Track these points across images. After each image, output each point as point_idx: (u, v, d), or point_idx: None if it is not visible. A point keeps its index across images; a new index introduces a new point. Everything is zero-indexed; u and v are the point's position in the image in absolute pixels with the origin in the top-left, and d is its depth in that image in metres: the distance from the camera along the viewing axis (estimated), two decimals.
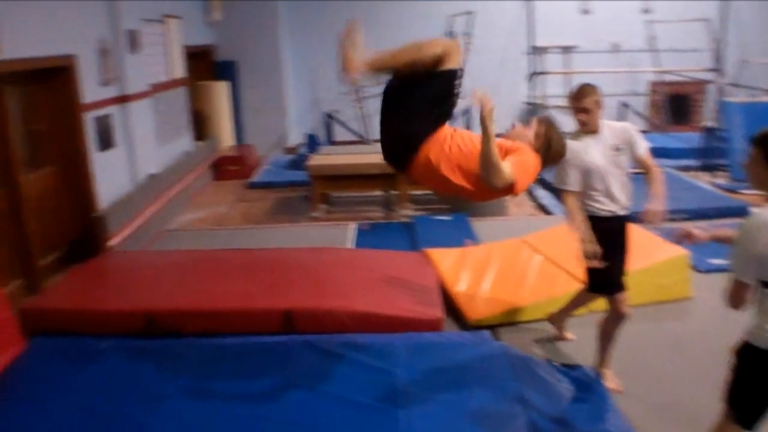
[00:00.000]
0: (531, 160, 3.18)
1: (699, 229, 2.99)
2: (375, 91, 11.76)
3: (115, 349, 4.20)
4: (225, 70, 11.78)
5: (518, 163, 3.08)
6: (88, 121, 6.67)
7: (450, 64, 3.03)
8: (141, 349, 4.21)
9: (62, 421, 3.48)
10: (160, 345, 4.28)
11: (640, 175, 3.92)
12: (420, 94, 3.06)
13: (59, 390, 3.76)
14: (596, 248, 3.68)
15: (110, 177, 7.04)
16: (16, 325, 4.26)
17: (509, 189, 3.05)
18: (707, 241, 2.94)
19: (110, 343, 4.26)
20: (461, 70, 3.11)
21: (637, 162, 3.90)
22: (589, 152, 3.77)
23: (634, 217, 3.92)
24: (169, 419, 3.48)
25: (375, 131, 11.71)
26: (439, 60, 3.01)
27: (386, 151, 3.26)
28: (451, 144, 3.12)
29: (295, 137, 12.45)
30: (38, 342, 4.33)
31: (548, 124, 3.35)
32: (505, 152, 3.17)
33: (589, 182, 3.79)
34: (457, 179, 3.14)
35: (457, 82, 3.08)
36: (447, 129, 3.18)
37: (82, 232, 6.47)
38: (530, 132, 3.33)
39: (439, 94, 3.09)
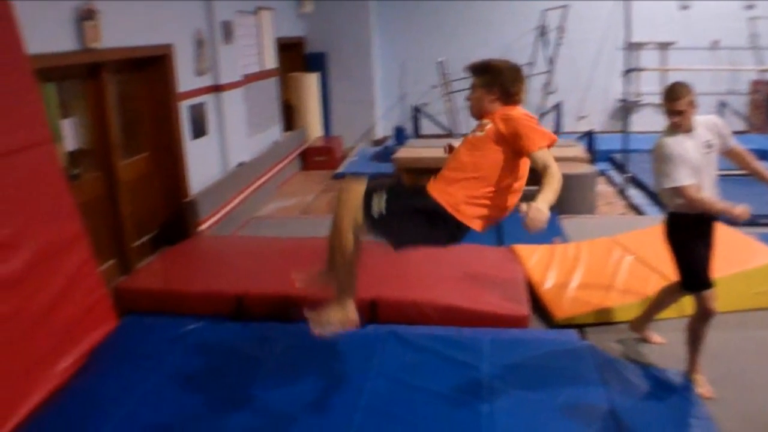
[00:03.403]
0: (525, 118, 3.06)
1: None
2: (464, 85, 11.72)
3: (204, 329, 4.28)
4: (315, 62, 11.91)
5: (538, 135, 2.99)
6: (183, 110, 6.84)
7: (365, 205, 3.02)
8: (229, 331, 4.29)
9: (149, 398, 3.56)
10: (248, 328, 4.34)
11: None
12: (397, 212, 3.03)
13: (148, 367, 3.85)
14: (743, 207, 3.53)
15: (202, 164, 7.20)
16: (109, 303, 4.40)
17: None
18: None
19: (199, 324, 4.35)
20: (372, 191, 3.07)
21: (729, 154, 3.80)
22: (686, 149, 3.62)
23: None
24: (255, 401, 3.52)
25: (463, 125, 11.66)
26: (358, 214, 3.02)
27: (451, 241, 3.22)
28: (463, 185, 3.06)
29: (383, 129, 12.50)
30: (129, 320, 4.46)
31: (475, 69, 3.21)
32: (500, 132, 3.04)
33: None
34: (505, 198, 3.12)
35: (376, 198, 3.01)
36: (438, 185, 3.12)
37: (174, 217, 6.65)
38: (479, 94, 3.18)
39: (397, 205, 3.04)
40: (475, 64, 3.23)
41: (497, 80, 3.12)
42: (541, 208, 2.74)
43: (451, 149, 3.51)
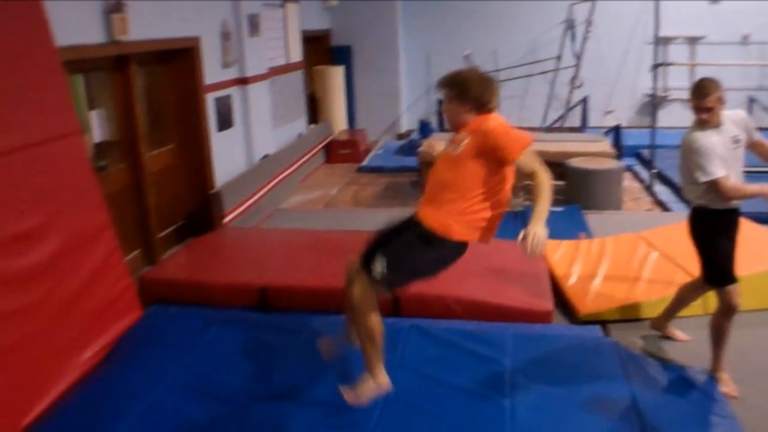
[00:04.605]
0: (500, 128, 3.03)
1: None
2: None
3: (228, 320, 4.31)
4: (340, 55, 11.93)
5: (516, 142, 2.99)
6: (209, 102, 6.88)
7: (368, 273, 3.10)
8: (253, 322, 4.31)
9: (174, 387, 3.60)
10: (271, 319, 4.37)
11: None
12: (398, 261, 3.11)
13: (172, 357, 3.89)
14: None
15: (227, 156, 7.24)
16: (134, 293, 4.44)
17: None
18: None
19: (223, 315, 4.38)
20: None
21: (752, 147, 3.78)
22: (714, 143, 3.59)
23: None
24: (278, 391, 3.54)
25: None
26: (364, 280, 3.11)
27: (457, 257, 3.25)
28: (452, 206, 3.08)
29: (407, 123, 12.48)
30: (154, 310, 4.51)
31: (446, 82, 3.18)
32: (477, 147, 3.01)
33: None
34: (497, 204, 3.14)
35: (375, 264, 3.08)
36: (427, 209, 3.14)
37: (199, 208, 6.70)
38: (453, 106, 3.16)
39: (395, 254, 3.11)
40: (446, 78, 3.23)
41: (468, 92, 3.12)
42: (537, 232, 2.86)
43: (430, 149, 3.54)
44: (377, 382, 3.23)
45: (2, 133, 3.61)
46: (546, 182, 2.97)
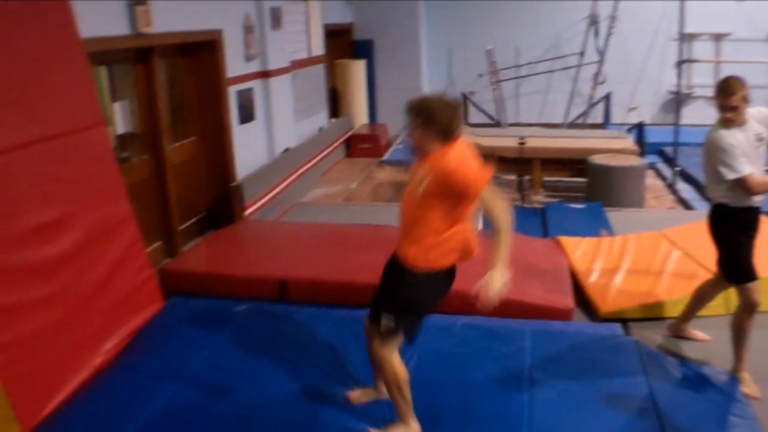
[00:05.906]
0: (459, 169, 2.95)
1: None
2: (512, 74, 11.59)
3: (248, 313, 4.34)
4: (362, 49, 11.93)
5: (474, 182, 2.94)
6: (231, 95, 6.90)
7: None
8: (272, 315, 4.33)
9: (193, 379, 3.62)
10: (291, 311, 4.38)
11: None
12: (401, 306, 3.12)
13: (192, 349, 3.91)
14: None
15: (249, 149, 7.27)
16: (155, 285, 4.47)
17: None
18: None
19: (243, 307, 4.40)
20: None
21: None
22: (739, 141, 3.56)
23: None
24: (296, 384, 3.55)
25: (510, 114, 11.53)
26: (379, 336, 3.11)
27: (452, 280, 3.24)
28: (429, 241, 3.05)
29: None
30: (175, 302, 4.54)
31: (411, 110, 3.08)
32: (438, 188, 2.95)
33: None
34: (468, 225, 3.11)
35: (382, 321, 3.08)
36: (409, 248, 3.12)
37: (219, 201, 6.73)
38: (418, 134, 3.07)
39: (396, 299, 3.13)
40: (412, 104, 3.15)
41: (434, 120, 3.04)
42: (500, 277, 2.94)
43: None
44: (409, 429, 3.23)
45: (26, 125, 3.63)
46: (506, 220, 2.95)
